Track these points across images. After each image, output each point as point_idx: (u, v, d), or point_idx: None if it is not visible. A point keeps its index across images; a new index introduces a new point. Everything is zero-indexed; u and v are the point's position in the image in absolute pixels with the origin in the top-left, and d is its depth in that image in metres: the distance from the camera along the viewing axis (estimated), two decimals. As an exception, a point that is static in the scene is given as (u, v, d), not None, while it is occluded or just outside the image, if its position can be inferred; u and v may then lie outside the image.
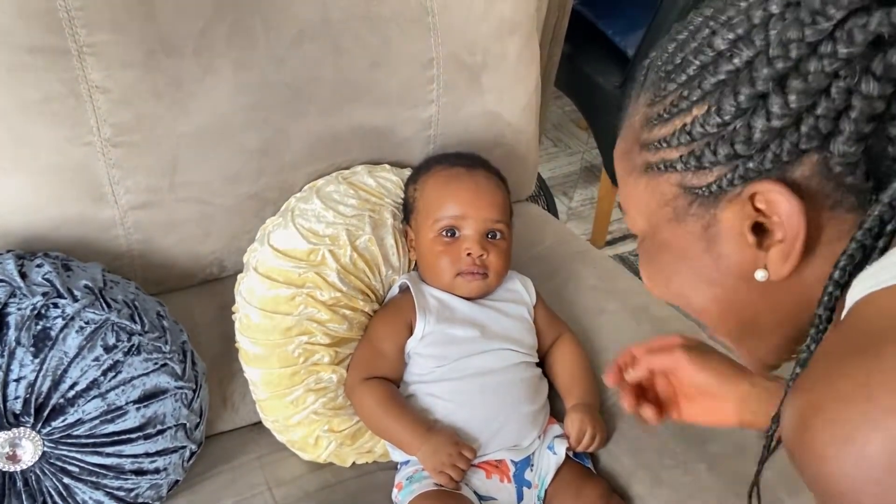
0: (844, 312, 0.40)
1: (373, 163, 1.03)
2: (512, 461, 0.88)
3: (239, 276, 0.96)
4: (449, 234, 0.91)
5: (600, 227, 1.97)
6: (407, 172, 1.03)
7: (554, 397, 0.96)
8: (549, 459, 0.89)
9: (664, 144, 0.47)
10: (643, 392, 0.72)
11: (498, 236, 0.93)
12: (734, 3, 0.45)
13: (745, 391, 0.67)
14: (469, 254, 0.90)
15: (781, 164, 0.43)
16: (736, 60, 0.43)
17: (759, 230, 0.45)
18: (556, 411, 0.96)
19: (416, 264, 0.99)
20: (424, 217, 0.93)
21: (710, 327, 0.51)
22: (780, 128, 0.42)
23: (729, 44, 0.44)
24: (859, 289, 0.39)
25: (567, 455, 0.88)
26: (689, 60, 0.45)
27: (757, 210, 0.44)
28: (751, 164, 0.43)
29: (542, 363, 0.97)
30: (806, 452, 0.36)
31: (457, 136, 1.07)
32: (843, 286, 0.42)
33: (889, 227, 0.40)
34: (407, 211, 0.97)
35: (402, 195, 0.99)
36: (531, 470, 0.89)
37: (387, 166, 1.03)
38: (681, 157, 0.46)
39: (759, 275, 0.45)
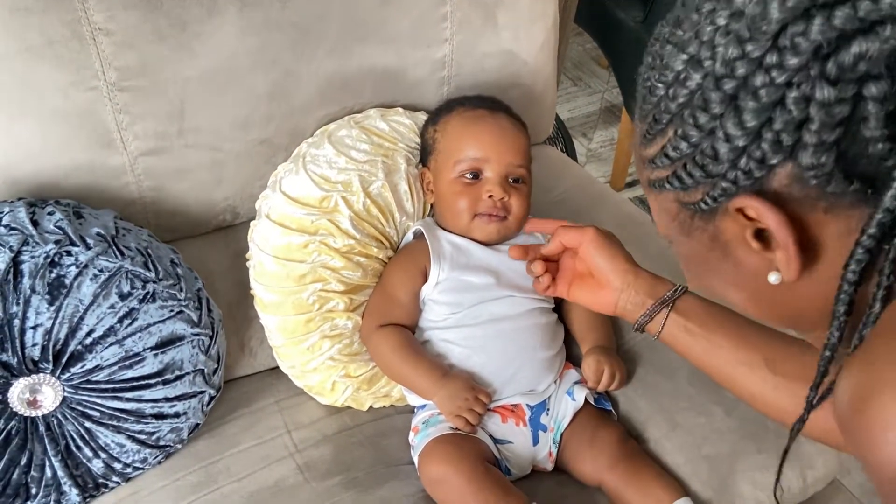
0: None
1: (385, 106, 1.01)
2: (528, 406, 0.89)
3: (252, 224, 0.95)
4: (471, 176, 0.91)
5: (620, 169, 1.93)
6: (421, 116, 1.01)
7: (571, 343, 0.96)
8: (567, 405, 0.89)
9: (653, 164, 0.47)
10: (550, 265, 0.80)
11: (519, 181, 0.93)
12: (688, 17, 0.43)
13: (627, 282, 0.74)
14: (490, 196, 0.89)
15: (755, 179, 0.42)
16: (689, 84, 0.42)
17: (765, 235, 0.44)
18: (573, 357, 0.96)
19: (431, 210, 0.98)
20: (445, 158, 0.92)
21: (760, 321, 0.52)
22: (743, 146, 0.41)
23: (683, 65, 0.43)
24: None
25: (586, 400, 0.88)
26: (656, 83, 0.45)
27: (751, 219, 0.43)
28: (724, 183, 0.43)
29: (559, 309, 0.97)
30: (863, 433, 0.34)
31: (472, 77, 1.05)
32: (858, 284, 0.41)
33: None
34: (425, 153, 0.96)
35: (416, 139, 0.98)
36: (547, 414, 0.89)
37: (400, 110, 1.01)
38: (667, 177, 0.46)
39: (773, 278, 0.44)
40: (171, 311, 0.82)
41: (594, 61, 2.42)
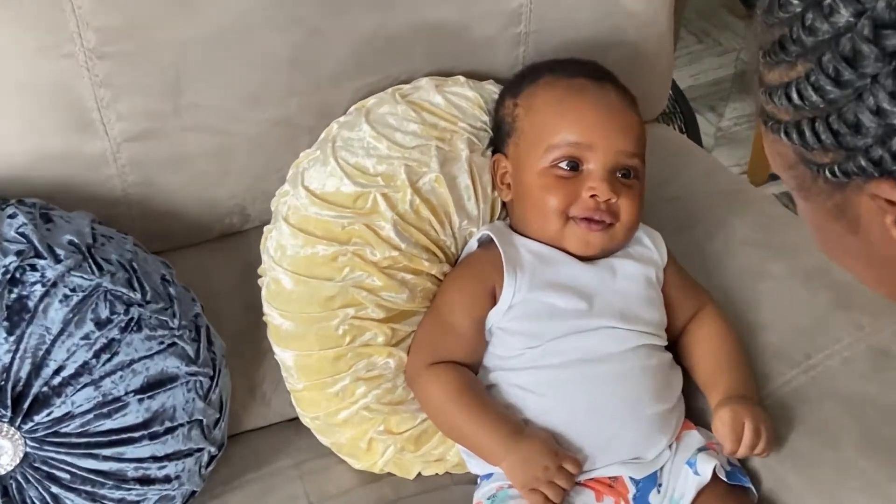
0: None
1: (441, 74, 1.01)
2: (632, 479, 0.88)
3: (266, 229, 0.96)
4: (567, 167, 0.90)
5: (761, 154, 1.88)
6: (489, 86, 1.01)
7: (692, 393, 0.94)
8: (688, 479, 0.87)
9: (771, 98, 0.46)
10: None
11: (631, 175, 0.92)
12: None
13: None
14: (594, 195, 0.89)
15: None
16: (836, 18, 0.40)
17: None
18: (695, 412, 0.94)
19: (503, 212, 0.98)
20: (532, 142, 0.92)
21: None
22: None
23: None
24: None
25: (714, 474, 0.86)
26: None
27: (894, 203, 0.43)
28: (863, 161, 0.42)
29: (676, 346, 0.96)
30: None
31: (558, 34, 1.04)
32: None
33: None
34: (500, 135, 0.97)
35: (483, 118, 0.98)
36: (658, 491, 0.88)
37: (461, 78, 1.00)
38: (785, 123, 0.45)
39: None
40: (162, 343, 0.83)
41: (726, 9, 2.41)
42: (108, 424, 0.80)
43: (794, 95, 0.43)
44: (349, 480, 0.93)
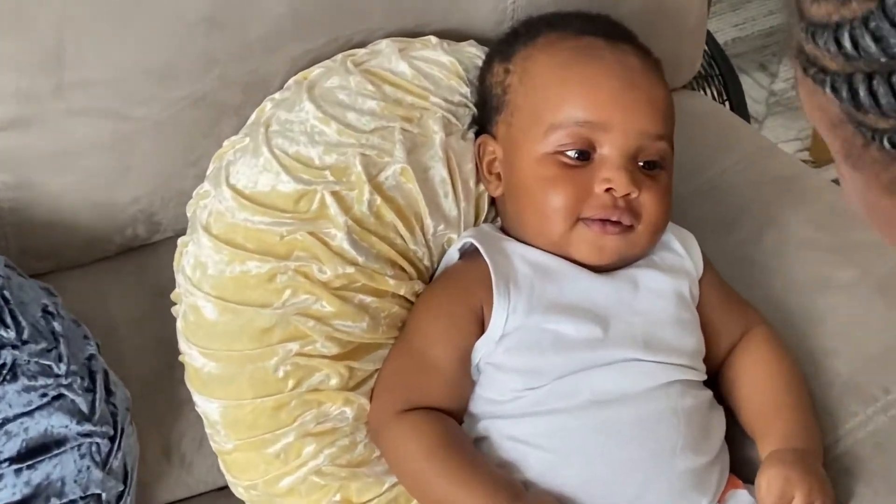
0: None
1: (407, 34, 1.00)
2: (663, 552, 0.88)
3: (181, 242, 0.94)
4: (575, 155, 0.90)
5: (827, 126, 1.89)
6: (469, 50, 1.01)
7: (739, 440, 0.93)
8: (733, 550, 0.88)
9: (814, 38, 0.46)
10: None
11: (656, 165, 0.92)
12: None
13: None
14: (609, 188, 0.89)
15: None
16: None
17: None
18: (743, 465, 0.93)
19: (490, 211, 0.98)
20: (529, 120, 0.93)
21: None
22: None
23: None
24: None
25: None
26: None
27: None
28: None
29: (717, 380, 0.95)
30: None
31: None
32: None
33: None
34: (488, 110, 0.97)
35: (462, 90, 0.98)
36: (699, 565, 0.88)
37: (432, 39, 1.00)
38: (833, 74, 0.45)
39: None
40: (44, 395, 0.82)
41: (777, -58, 2.45)
42: (-23, 504, 0.80)
43: (847, 42, 0.43)
44: (296, 564, 0.93)
